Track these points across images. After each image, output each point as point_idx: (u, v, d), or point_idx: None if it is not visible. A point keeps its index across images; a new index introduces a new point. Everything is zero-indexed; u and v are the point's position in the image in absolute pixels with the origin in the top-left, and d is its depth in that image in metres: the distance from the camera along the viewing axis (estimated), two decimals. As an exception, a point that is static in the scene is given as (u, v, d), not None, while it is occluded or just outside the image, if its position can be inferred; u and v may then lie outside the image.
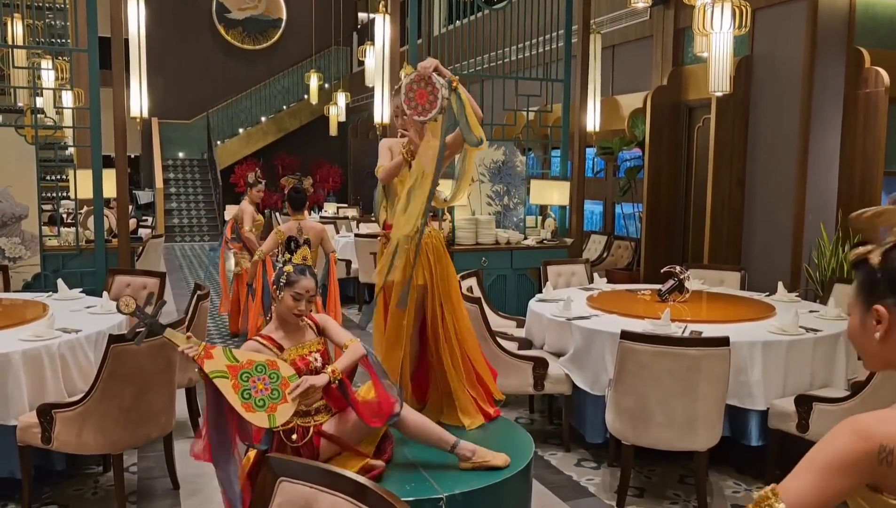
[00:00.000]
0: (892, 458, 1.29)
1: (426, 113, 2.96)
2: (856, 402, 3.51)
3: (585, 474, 4.07)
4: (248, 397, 2.51)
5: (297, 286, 2.69)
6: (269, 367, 2.57)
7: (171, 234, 17.03)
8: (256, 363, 2.57)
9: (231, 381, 2.51)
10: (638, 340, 3.52)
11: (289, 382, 2.57)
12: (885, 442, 1.30)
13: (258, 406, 2.50)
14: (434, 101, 2.94)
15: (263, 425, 2.52)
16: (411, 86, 2.99)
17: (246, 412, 2.49)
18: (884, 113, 6.22)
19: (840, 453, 1.33)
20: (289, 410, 2.54)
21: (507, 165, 7.31)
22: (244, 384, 2.52)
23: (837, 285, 5.25)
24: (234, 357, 2.56)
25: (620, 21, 8.72)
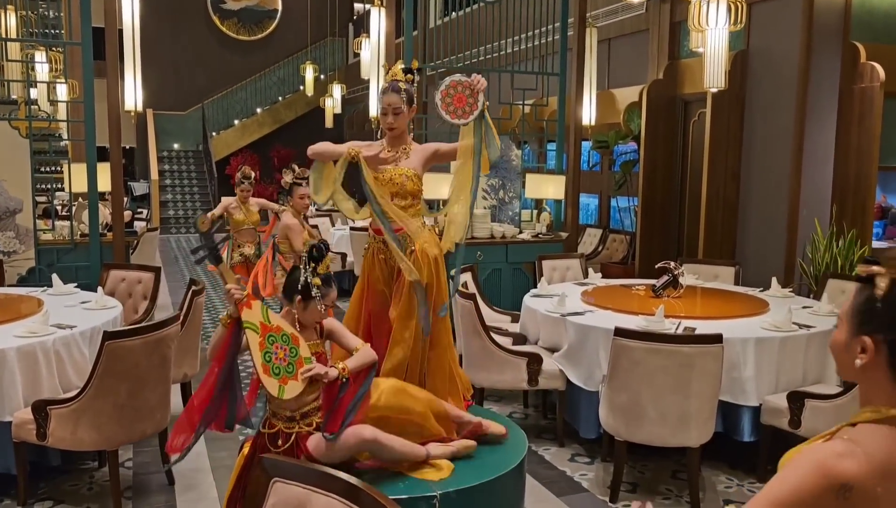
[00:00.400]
0: (849, 495, 1.32)
1: (458, 117, 3.06)
2: (847, 399, 3.54)
3: (579, 469, 4.09)
4: (269, 360, 2.53)
5: (326, 300, 2.70)
6: (292, 341, 2.58)
7: (166, 226, 16.99)
8: (283, 331, 2.58)
9: (259, 338, 2.53)
10: (631, 337, 3.54)
11: (304, 362, 2.57)
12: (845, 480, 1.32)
13: (274, 373, 2.53)
14: (470, 111, 3.05)
15: (273, 392, 2.53)
16: (455, 85, 3.07)
17: (263, 373, 2.51)
18: (879, 108, 6.22)
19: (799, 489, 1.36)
20: (297, 388, 2.55)
21: (503, 158, 7.31)
22: (268, 347, 2.54)
23: (831, 281, 5.28)
24: (268, 318, 2.57)
25: (616, 14, 8.70)
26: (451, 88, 3.07)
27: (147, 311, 5.02)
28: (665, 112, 7.79)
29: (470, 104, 3.05)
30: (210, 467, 4.07)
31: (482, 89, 3.06)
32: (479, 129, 3.08)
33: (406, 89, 3.19)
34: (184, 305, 4.51)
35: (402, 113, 3.17)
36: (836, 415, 3.58)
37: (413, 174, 3.18)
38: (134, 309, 5.16)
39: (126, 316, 4.85)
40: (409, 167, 3.19)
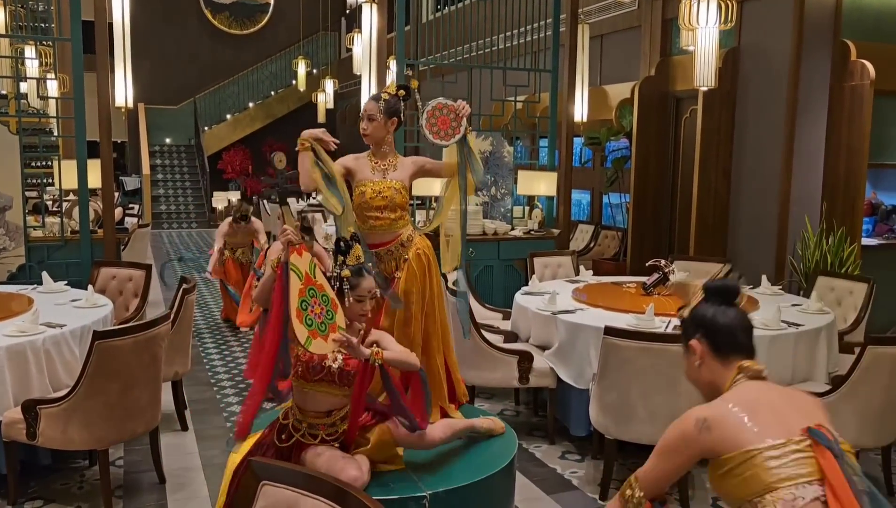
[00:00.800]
0: (708, 424, 1.82)
1: (441, 138, 3.19)
2: (835, 397, 3.56)
3: (569, 466, 4.11)
4: (304, 309, 2.55)
5: (358, 290, 2.70)
6: (332, 304, 2.62)
7: (158, 221, 16.95)
8: (325, 292, 2.62)
9: (300, 285, 2.56)
10: (621, 336, 3.55)
11: (336, 326, 2.60)
12: (700, 415, 1.84)
13: (307, 324, 2.54)
14: (452, 134, 3.19)
15: (301, 338, 2.52)
16: (440, 108, 3.20)
17: (296, 317, 2.53)
18: (869, 106, 6.25)
19: (669, 437, 1.92)
20: (323, 347, 2.56)
21: (495, 155, 7.32)
22: (307, 297, 2.56)
23: (820, 278, 5.31)
24: (315, 273, 2.61)
25: (608, 11, 8.71)
26: (437, 110, 3.20)
27: (138, 309, 5.01)
28: (657, 109, 7.81)
29: (453, 127, 3.19)
30: (201, 465, 4.08)
31: (466, 115, 3.19)
32: (461, 152, 3.21)
33: (387, 100, 3.23)
34: (175, 302, 4.50)
35: (377, 121, 3.21)
36: (823, 413, 3.60)
37: (401, 186, 3.24)
38: (125, 307, 5.15)
39: (117, 314, 4.84)
40: (397, 179, 3.23)
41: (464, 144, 3.22)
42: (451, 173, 3.28)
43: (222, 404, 5.07)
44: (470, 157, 3.24)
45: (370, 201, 3.21)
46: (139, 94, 15.16)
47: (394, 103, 3.24)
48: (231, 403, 5.08)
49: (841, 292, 5.15)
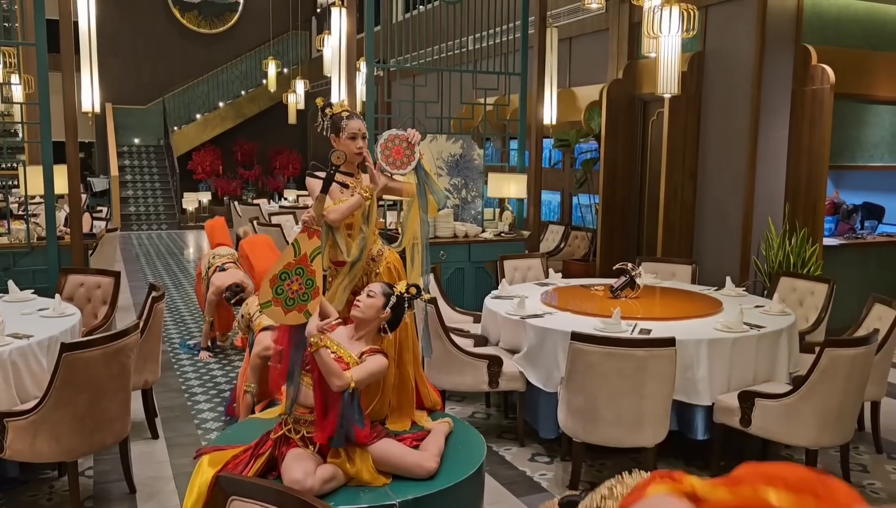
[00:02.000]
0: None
1: (398, 167, 3.33)
2: (795, 398, 3.67)
3: (539, 469, 4.18)
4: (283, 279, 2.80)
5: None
6: (313, 290, 2.84)
7: (127, 222, 16.75)
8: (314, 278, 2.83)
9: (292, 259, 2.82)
10: (587, 341, 3.62)
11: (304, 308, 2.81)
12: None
13: (276, 292, 2.79)
14: (408, 162, 3.34)
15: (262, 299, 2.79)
16: (393, 139, 3.33)
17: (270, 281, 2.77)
18: (829, 109, 6.41)
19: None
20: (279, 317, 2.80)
21: (465, 158, 7.36)
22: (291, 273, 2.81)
23: (783, 279, 5.44)
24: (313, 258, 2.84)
25: (577, 14, 8.79)
26: (390, 142, 3.33)
27: (106, 316, 4.98)
28: (624, 111, 7.92)
29: (407, 155, 3.33)
30: (172, 474, 4.07)
31: (417, 142, 3.33)
32: (419, 177, 3.36)
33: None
34: (144, 311, 4.49)
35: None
36: (784, 413, 3.71)
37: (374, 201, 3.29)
38: (93, 314, 5.12)
39: (85, 321, 4.81)
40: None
41: (419, 169, 3.36)
42: (412, 194, 3.39)
43: (193, 411, 5.06)
44: (427, 180, 3.38)
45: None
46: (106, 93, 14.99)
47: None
48: (202, 410, 5.07)
49: (803, 292, 5.28)
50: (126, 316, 7.43)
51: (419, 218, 3.36)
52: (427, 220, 3.42)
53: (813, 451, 3.74)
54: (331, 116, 3.26)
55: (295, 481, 2.57)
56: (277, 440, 2.82)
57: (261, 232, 8.97)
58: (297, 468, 2.63)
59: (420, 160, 3.35)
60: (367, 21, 6.81)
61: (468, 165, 7.38)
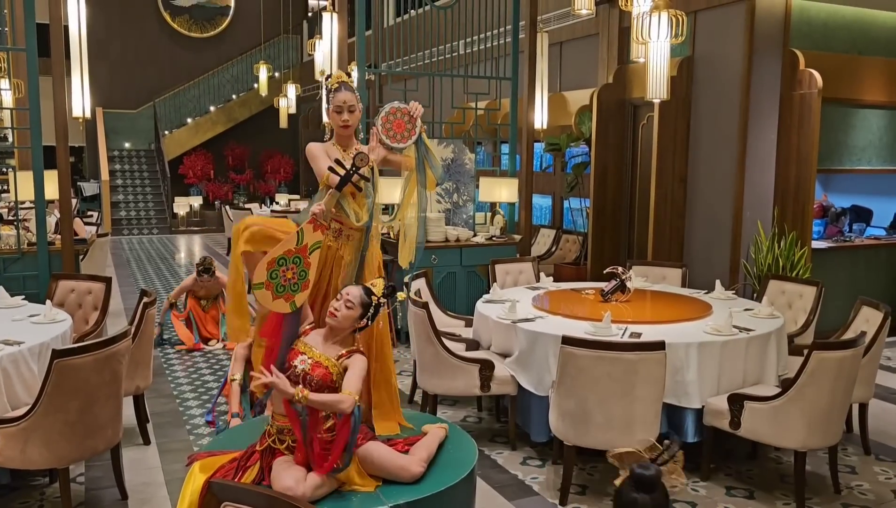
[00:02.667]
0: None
1: (398, 141, 3.27)
2: (784, 400, 3.70)
3: (530, 472, 4.19)
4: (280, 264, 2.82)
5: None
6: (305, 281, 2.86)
7: (117, 227, 16.70)
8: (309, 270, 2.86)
9: (293, 247, 2.84)
10: (578, 345, 3.64)
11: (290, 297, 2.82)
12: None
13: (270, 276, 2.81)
14: (409, 136, 3.28)
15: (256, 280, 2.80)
16: (394, 112, 3.27)
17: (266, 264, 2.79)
18: (817, 113, 6.47)
19: None
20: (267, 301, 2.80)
21: (457, 162, 7.40)
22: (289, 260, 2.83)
23: (772, 282, 5.48)
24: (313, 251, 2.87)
25: (567, 18, 8.84)
26: (391, 115, 3.27)
27: (98, 322, 4.97)
28: (615, 116, 7.96)
29: (409, 129, 3.27)
30: (164, 480, 4.07)
31: (419, 115, 3.28)
32: (419, 151, 3.31)
33: (356, 90, 3.30)
34: (135, 317, 4.48)
35: (356, 111, 3.24)
36: (773, 416, 3.74)
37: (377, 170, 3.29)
38: (84, 320, 5.11)
39: (76, 327, 4.80)
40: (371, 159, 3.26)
41: (420, 143, 3.32)
42: (410, 167, 3.34)
43: (185, 416, 5.05)
44: (427, 155, 3.34)
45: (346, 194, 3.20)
46: (97, 97, 14.94)
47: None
48: (194, 415, 5.07)
49: (791, 295, 5.32)
50: (117, 322, 7.41)
51: (416, 192, 3.35)
52: (424, 194, 3.39)
53: (801, 453, 3.77)
54: (327, 87, 3.27)
55: (287, 488, 2.57)
56: (263, 451, 2.80)
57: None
58: (287, 475, 2.63)
59: (421, 134, 3.31)
60: (359, 25, 6.84)
61: (460, 169, 7.41)
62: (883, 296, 6.92)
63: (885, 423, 4.92)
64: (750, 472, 4.21)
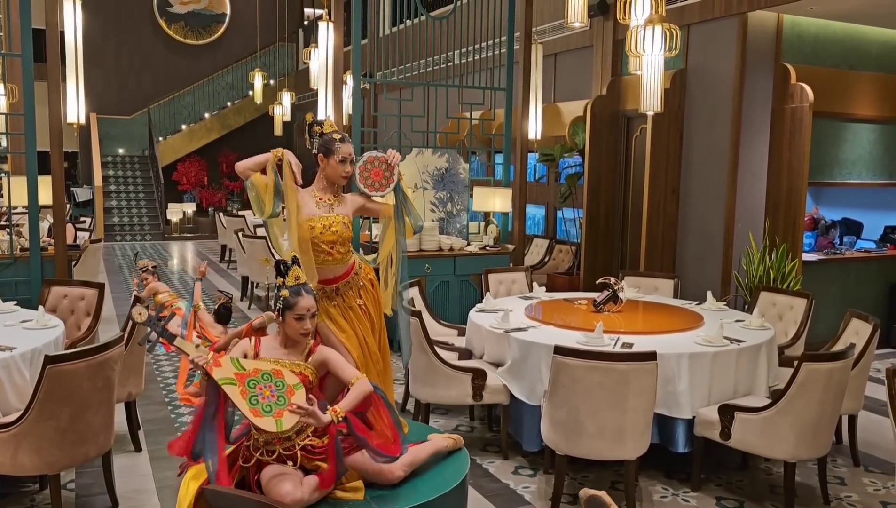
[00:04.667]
0: None
1: (376, 190, 3.35)
2: (774, 411, 3.73)
3: (522, 482, 4.20)
4: (256, 402, 2.64)
5: (297, 308, 2.79)
6: (275, 376, 2.71)
7: (110, 233, 16.66)
8: (262, 371, 2.71)
9: (239, 388, 2.65)
10: (570, 355, 3.66)
11: (294, 390, 2.69)
12: None
13: (265, 412, 2.63)
14: (387, 184, 3.36)
15: (271, 429, 2.62)
16: (372, 161, 3.34)
17: (254, 416, 2.62)
18: (808, 127, 6.53)
19: None
20: (293, 418, 2.64)
21: (451, 172, 7.42)
22: (251, 391, 2.66)
23: (763, 293, 5.51)
24: (242, 366, 2.70)
25: (562, 30, 8.90)
26: (369, 164, 3.35)
27: (90, 328, 4.96)
28: (608, 127, 8.01)
29: (386, 177, 3.35)
30: (155, 487, 4.06)
31: (396, 163, 3.35)
32: (398, 199, 3.38)
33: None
34: (128, 323, 4.48)
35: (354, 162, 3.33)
36: (763, 427, 3.77)
37: (348, 221, 3.32)
38: (77, 326, 5.10)
39: (69, 333, 4.80)
40: (345, 214, 3.30)
41: (398, 191, 3.39)
42: (388, 215, 3.42)
43: (177, 423, 5.05)
44: (405, 202, 3.41)
45: (320, 236, 3.22)
46: (91, 103, 14.95)
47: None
48: (185, 423, 5.06)
49: (782, 306, 5.36)
50: (109, 328, 7.40)
51: (395, 240, 3.41)
52: (403, 242, 3.45)
53: (791, 464, 3.79)
54: (320, 134, 3.26)
55: (287, 493, 2.56)
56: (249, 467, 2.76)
57: (245, 244, 8.97)
58: (284, 481, 2.62)
59: (399, 182, 3.38)
60: (355, 35, 6.87)
61: (454, 178, 7.44)
62: (872, 309, 6.97)
63: (874, 435, 4.96)
64: (740, 483, 4.24)
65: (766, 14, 6.74)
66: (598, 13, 8.15)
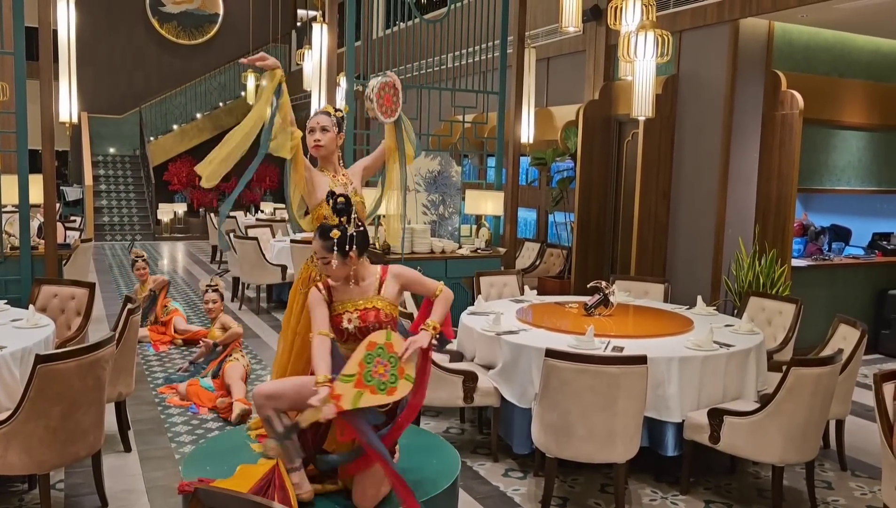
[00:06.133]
0: None
1: (390, 115, 3.41)
2: (762, 415, 3.76)
3: (512, 484, 4.22)
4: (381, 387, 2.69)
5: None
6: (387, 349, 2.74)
7: (100, 232, 16.59)
8: (362, 357, 2.70)
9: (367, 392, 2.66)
10: (561, 358, 3.68)
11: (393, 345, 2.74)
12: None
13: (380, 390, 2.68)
14: (396, 107, 3.43)
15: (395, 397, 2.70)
16: (383, 87, 3.39)
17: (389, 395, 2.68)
18: (798, 134, 6.59)
19: None
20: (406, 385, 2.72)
21: (443, 174, 7.44)
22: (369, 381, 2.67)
23: (752, 299, 5.55)
24: (350, 375, 2.68)
25: (555, 34, 8.94)
26: (381, 91, 3.39)
27: (80, 328, 4.95)
28: (600, 132, 8.05)
29: (395, 102, 3.43)
30: (144, 487, 4.05)
31: (400, 86, 3.46)
32: (399, 127, 3.46)
33: (339, 118, 3.37)
34: (118, 323, 4.47)
35: (330, 133, 3.31)
36: (751, 431, 3.80)
37: (363, 197, 3.36)
38: (67, 325, 5.08)
39: (59, 332, 4.78)
40: (360, 192, 3.35)
41: (400, 117, 3.47)
42: (386, 154, 3.49)
43: (167, 424, 5.03)
44: (406, 127, 3.49)
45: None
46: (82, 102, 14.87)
47: (342, 120, 3.40)
48: (176, 423, 5.05)
49: (771, 312, 5.40)
50: (99, 328, 7.37)
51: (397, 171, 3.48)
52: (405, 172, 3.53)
53: (779, 468, 3.82)
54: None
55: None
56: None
57: (237, 245, 8.95)
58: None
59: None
60: (348, 36, 6.88)
61: (446, 181, 7.45)
62: (860, 314, 7.03)
63: (861, 439, 5.00)
64: (729, 486, 4.26)
65: (758, 21, 6.80)
66: (591, 18, 8.20)
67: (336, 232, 2.80)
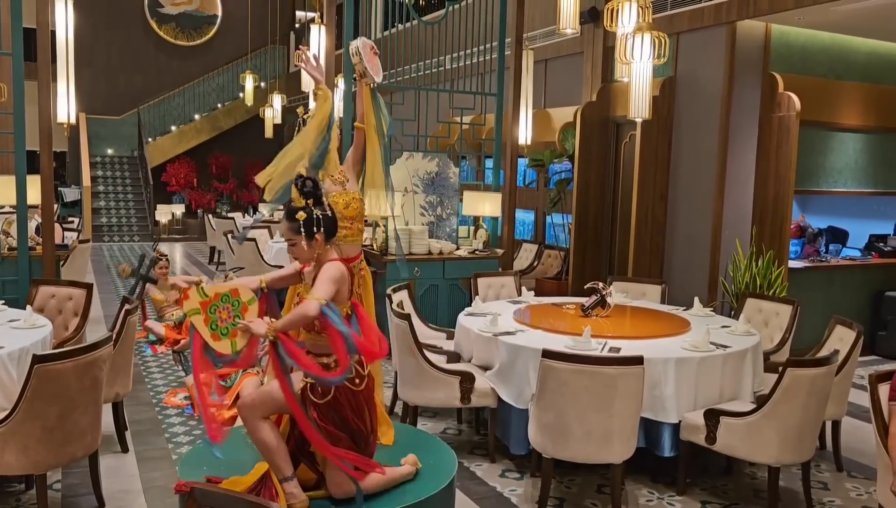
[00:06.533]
0: None
1: (377, 73, 3.62)
2: (759, 416, 3.77)
3: (509, 485, 4.22)
4: (216, 327, 2.70)
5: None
6: (232, 295, 2.76)
7: (98, 233, 16.57)
8: (221, 293, 2.75)
9: (203, 316, 2.71)
10: (558, 358, 3.69)
11: (248, 306, 2.74)
12: None
13: (223, 335, 2.70)
14: (379, 70, 3.66)
15: (227, 351, 2.68)
16: (370, 49, 3.59)
17: (214, 341, 2.69)
18: (795, 135, 6.60)
19: None
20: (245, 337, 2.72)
21: (441, 176, 7.45)
22: (212, 317, 2.71)
23: (749, 300, 5.56)
24: (205, 293, 2.74)
25: (553, 36, 8.96)
26: (366, 49, 3.58)
27: (78, 328, 4.95)
28: (598, 133, 8.06)
29: (377, 63, 3.63)
30: (142, 488, 4.05)
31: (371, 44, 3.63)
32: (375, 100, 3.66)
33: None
34: (116, 323, 4.47)
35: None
36: (747, 431, 3.81)
37: (361, 197, 3.41)
38: (64, 326, 5.08)
39: (56, 333, 4.78)
40: (357, 190, 3.39)
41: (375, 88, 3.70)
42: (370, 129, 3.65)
43: (164, 424, 5.04)
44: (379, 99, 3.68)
45: (343, 211, 3.39)
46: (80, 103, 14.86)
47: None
48: (173, 423, 5.05)
49: (768, 313, 5.41)
50: (96, 328, 7.36)
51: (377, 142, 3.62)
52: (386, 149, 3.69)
53: (775, 468, 3.83)
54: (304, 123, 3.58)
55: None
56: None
57: (234, 246, 8.97)
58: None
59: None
60: (346, 38, 6.89)
61: (444, 182, 7.46)
62: (857, 316, 7.04)
63: (857, 440, 5.01)
64: (725, 487, 4.27)
65: (755, 23, 6.81)
66: (588, 20, 8.21)
67: (302, 214, 2.77)
